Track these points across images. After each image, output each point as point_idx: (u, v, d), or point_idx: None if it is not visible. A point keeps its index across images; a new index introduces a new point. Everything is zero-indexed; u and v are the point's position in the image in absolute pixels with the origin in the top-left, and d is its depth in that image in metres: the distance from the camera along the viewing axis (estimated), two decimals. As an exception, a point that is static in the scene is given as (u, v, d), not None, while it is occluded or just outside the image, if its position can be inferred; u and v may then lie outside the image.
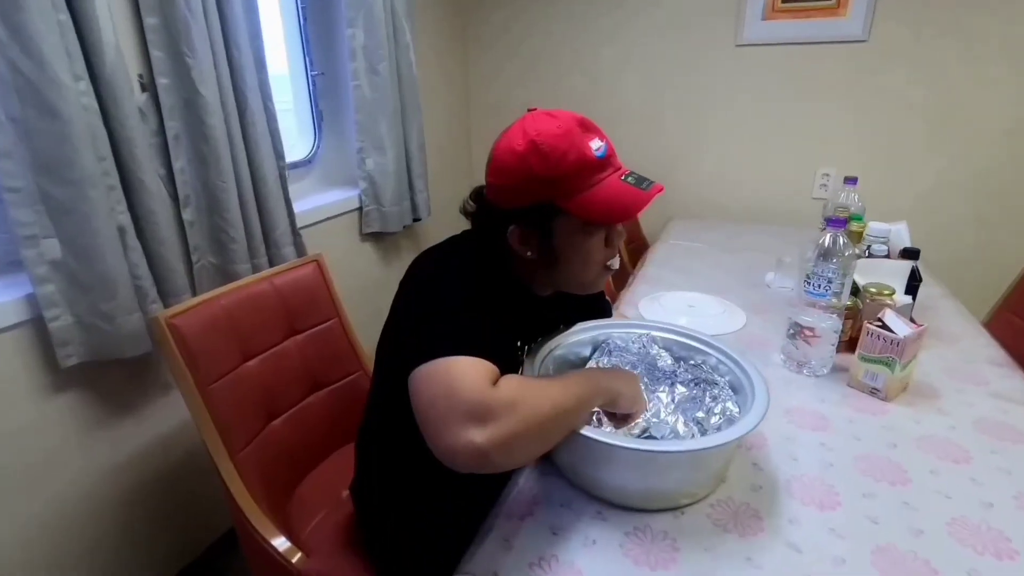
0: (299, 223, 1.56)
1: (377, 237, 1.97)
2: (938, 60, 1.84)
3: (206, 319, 1.01)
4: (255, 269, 1.35)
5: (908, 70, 1.88)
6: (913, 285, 1.14)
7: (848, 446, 0.84)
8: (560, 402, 0.62)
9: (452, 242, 0.80)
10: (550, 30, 2.28)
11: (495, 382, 0.58)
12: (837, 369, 1.05)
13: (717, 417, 0.77)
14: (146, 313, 1.11)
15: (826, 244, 0.97)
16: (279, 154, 1.40)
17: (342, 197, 1.80)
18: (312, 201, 1.73)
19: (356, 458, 0.93)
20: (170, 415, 1.33)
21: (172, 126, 1.17)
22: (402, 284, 0.74)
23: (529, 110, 0.74)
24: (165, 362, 0.96)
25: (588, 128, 0.72)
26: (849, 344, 1.09)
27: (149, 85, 1.14)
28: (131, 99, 1.03)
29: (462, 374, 0.57)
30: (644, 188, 0.71)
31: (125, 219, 1.05)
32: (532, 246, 0.75)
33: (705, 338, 0.89)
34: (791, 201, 2.15)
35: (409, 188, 1.96)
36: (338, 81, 1.80)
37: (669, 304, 1.30)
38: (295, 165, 1.78)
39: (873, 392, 0.97)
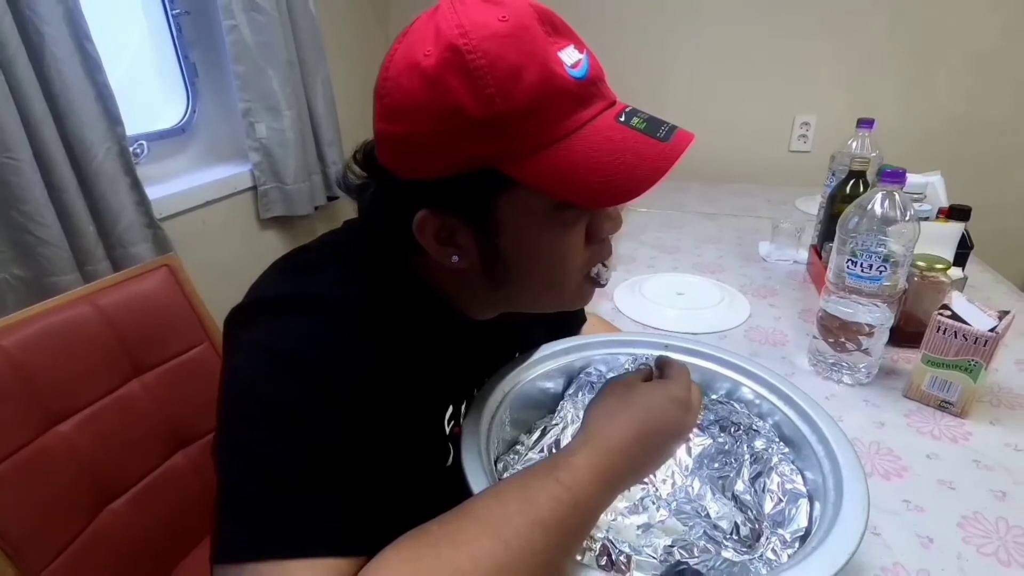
0: (164, 211, 1.18)
1: (283, 223, 1.58)
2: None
3: (-34, 374, 0.65)
4: (89, 280, 0.97)
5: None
6: (962, 254, 0.89)
7: (943, 502, 0.58)
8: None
9: (321, 245, 0.48)
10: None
11: None
12: (882, 372, 0.79)
13: (772, 498, 0.49)
14: None
15: (878, 210, 0.70)
16: (113, 117, 1.01)
17: (228, 174, 1.41)
18: (186, 181, 1.34)
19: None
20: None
21: (-91, 75, 0.76)
22: (225, 329, 0.41)
23: None
24: None
25: (556, 27, 0.40)
26: (892, 336, 0.84)
27: None
28: None
29: None
30: (662, 137, 0.39)
31: None
32: (458, 245, 0.43)
33: (729, 357, 0.61)
34: (766, 156, 1.90)
35: (319, 159, 1.58)
36: (209, 22, 1.38)
37: (652, 293, 1.02)
38: (161, 136, 1.37)
39: (943, 407, 0.71)
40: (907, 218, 0.69)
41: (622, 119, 0.40)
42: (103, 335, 0.79)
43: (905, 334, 0.82)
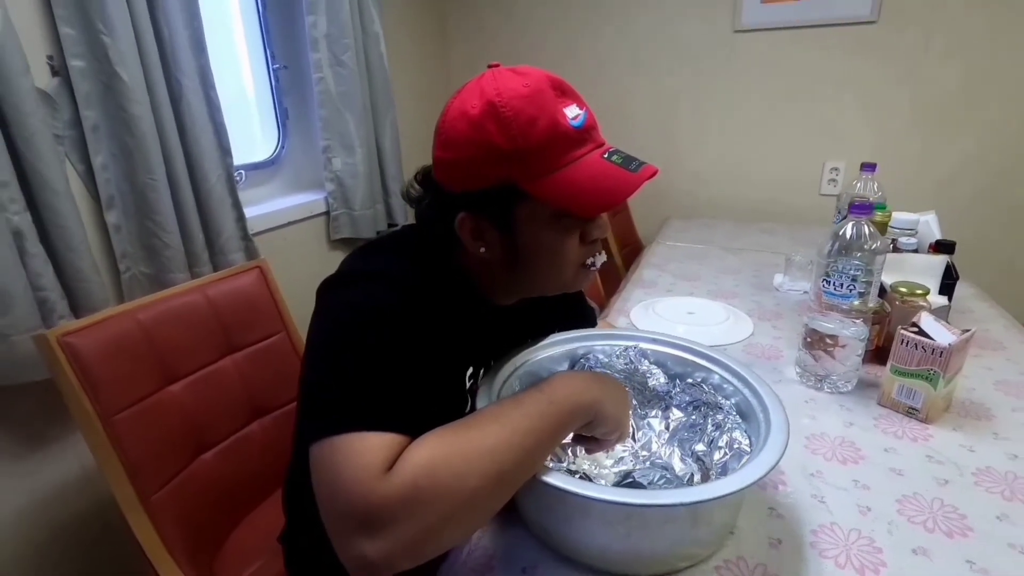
0: (255, 228, 1.41)
1: (349, 244, 1.81)
2: (959, 34, 1.68)
3: (114, 337, 0.85)
4: (196, 279, 1.19)
5: (923, 50, 1.73)
6: (948, 284, 0.98)
7: (888, 484, 0.67)
8: (503, 452, 0.46)
9: (386, 239, 0.65)
10: (536, 17, 2.14)
11: (399, 455, 0.45)
12: (863, 384, 0.88)
13: (722, 451, 0.61)
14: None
15: (848, 235, 0.81)
16: (225, 149, 1.25)
17: (306, 200, 1.65)
18: (272, 205, 1.58)
19: (284, 506, 0.77)
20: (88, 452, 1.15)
21: (89, 116, 1.02)
22: (317, 294, 0.58)
23: (490, 66, 0.59)
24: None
25: (564, 91, 0.57)
26: (876, 354, 0.93)
27: (60, 68, 0.99)
28: (25, 79, 0.88)
29: (347, 463, 0.44)
30: (633, 169, 0.55)
31: (22, 221, 0.89)
32: (487, 241, 0.60)
33: (704, 351, 0.73)
34: (797, 199, 1.99)
35: (383, 190, 1.80)
36: (302, 75, 1.65)
37: (665, 311, 1.14)
38: (256, 167, 1.63)
39: (910, 412, 0.80)
40: (874, 245, 0.79)
41: (606, 156, 0.56)
42: (208, 318, 0.99)
43: (888, 353, 0.91)
